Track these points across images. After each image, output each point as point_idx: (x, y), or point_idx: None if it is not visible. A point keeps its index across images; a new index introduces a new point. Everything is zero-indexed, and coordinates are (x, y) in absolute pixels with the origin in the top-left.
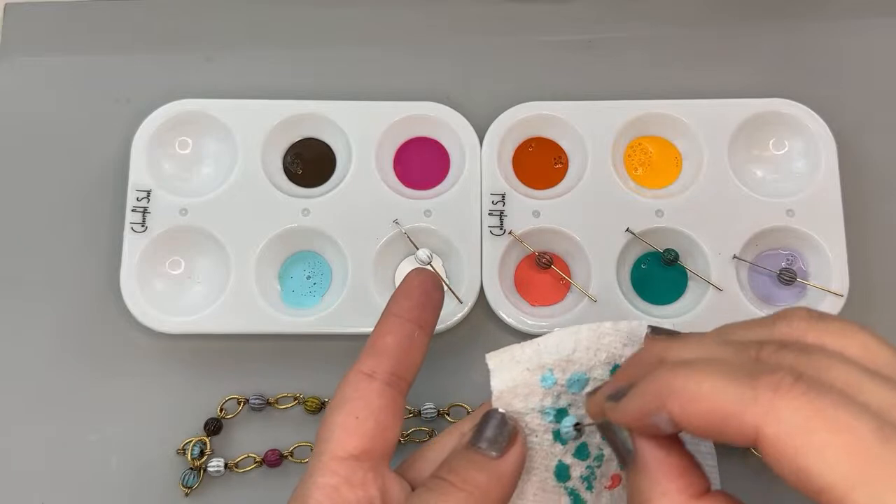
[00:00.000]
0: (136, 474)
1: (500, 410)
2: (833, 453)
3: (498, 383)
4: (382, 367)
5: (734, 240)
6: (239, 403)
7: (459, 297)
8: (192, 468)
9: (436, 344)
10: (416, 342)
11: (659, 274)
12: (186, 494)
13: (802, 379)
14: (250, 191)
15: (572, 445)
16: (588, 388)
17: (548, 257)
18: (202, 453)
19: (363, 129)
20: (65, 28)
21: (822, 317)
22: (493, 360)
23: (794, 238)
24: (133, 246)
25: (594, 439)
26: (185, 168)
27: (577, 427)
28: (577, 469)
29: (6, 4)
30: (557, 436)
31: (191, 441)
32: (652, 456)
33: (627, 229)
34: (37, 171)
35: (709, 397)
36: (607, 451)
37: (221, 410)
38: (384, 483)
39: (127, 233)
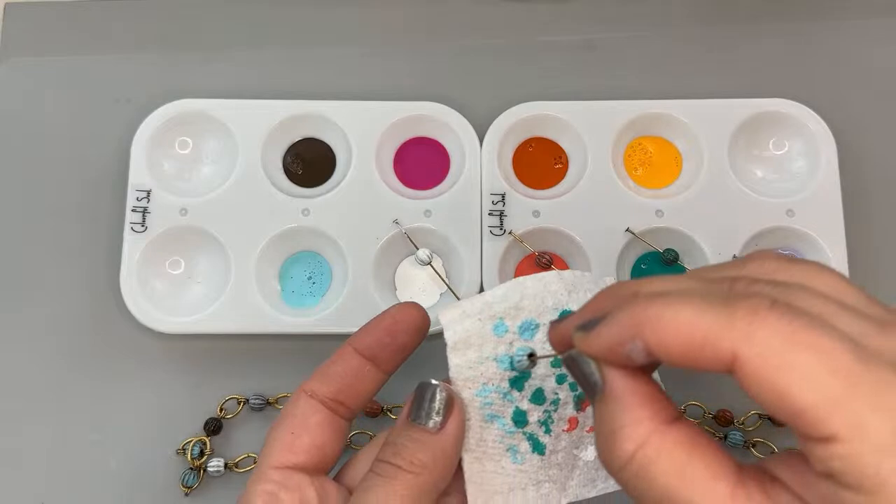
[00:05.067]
0: (136, 474)
1: (434, 381)
2: (812, 373)
3: (452, 335)
4: (323, 391)
5: (734, 240)
6: (239, 403)
7: (459, 297)
8: (192, 468)
9: (436, 344)
10: (366, 377)
11: (659, 274)
12: (186, 494)
13: (779, 303)
14: (250, 191)
15: (528, 391)
16: (539, 333)
17: (548, 257)
18: (202, 453)
19: (363, 129)
20: (65, 28)
21: (792, 258)
22: (446, 315)
23: (794, 238)
24: (133, 246)
25: (549, 384)
26: (185, 168)
27: (531, 357)
28: (535, 414)
29: (6, 4)
30: (513, 382)
31: (191, 441)
32: (623, 385)
33: (627, 229)
34: (37, 171)
35: (686, 323)
36: (563, 395)
37: (221, 410)
38: (321, 485)
39: (127, 233)
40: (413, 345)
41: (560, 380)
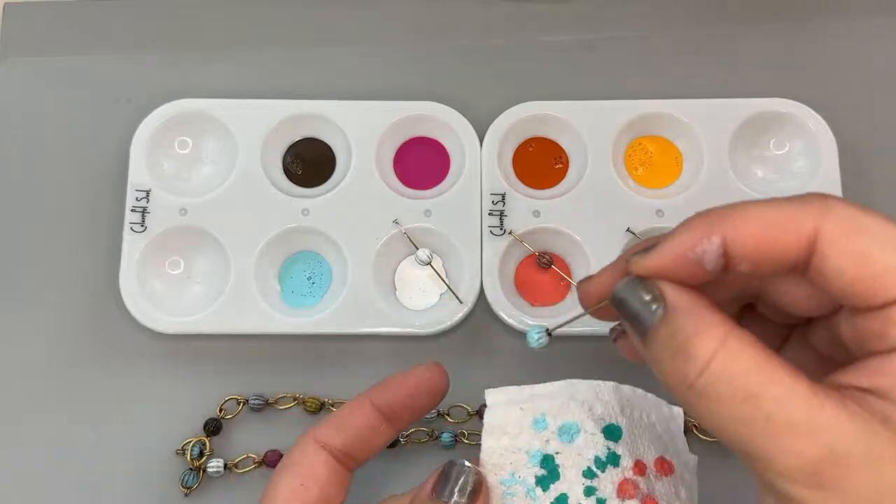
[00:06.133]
0: (136, 474)
1: (467, 463)
2: (890, 237)
3: (491, 418)
4: (335, 443)
5: None
6: (239, 403)
7: (459, 297)
8: (191, 468)
9: (436, 344)
10: (380, 434)
11: None
12: (186, 495)
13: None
14: (250, 191)
15: (552, 495)
16: (579, 439)
17: (548, 257)
18: (202, 453)
19: (363, 129)
20: (65, 28)
21: None
22: (491, 396)
23: None
24: (132, 246)
25: (576, 492)
26: (184, 168)
27: (549, 332)
28: None
29: (6, 4)
30: (539, 481)
31: (190, 441)
32: (689, 296)
33: (628, 229)
34: (37, 171)
35: (764, 212)
36: (599, 495)
37: (221, 410)
38: None
39: (126, 233)
40: (430, 408)
41: (588, 492)
